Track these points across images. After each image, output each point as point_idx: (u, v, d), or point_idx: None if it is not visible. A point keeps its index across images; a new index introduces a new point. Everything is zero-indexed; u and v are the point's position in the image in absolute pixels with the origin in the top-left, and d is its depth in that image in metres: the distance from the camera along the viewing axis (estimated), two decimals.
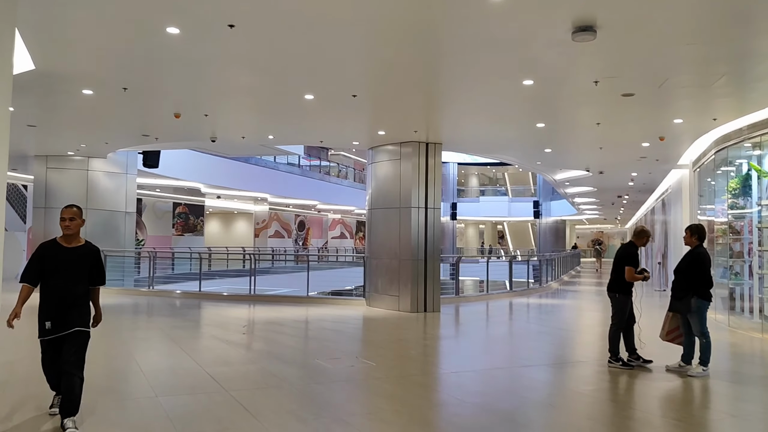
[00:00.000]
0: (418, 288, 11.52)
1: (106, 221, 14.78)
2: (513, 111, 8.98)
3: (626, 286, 6.67)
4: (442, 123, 10.14)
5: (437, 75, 7.20)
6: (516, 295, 15.45)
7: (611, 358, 6.62)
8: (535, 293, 16.35)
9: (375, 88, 7.88)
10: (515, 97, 8.09)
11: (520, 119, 9.54)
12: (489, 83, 7.48)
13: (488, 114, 9.30)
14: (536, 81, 7.21)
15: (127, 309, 11.91)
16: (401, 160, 11.70)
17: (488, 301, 14.09)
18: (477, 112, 9.20)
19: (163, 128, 10.82)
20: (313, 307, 12.24)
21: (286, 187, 28.41)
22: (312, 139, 11.59)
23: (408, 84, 7.58)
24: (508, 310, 13.00)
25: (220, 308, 12.21)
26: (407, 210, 11.57)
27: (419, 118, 9.74)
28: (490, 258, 16.10)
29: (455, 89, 7.81)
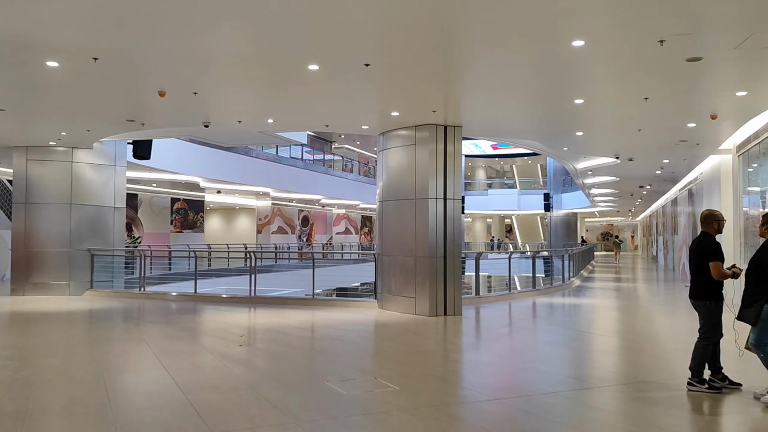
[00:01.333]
0: (437, 288, 10.29)
1: (93, 217, 13.56)
2: (551, 84, 7.72)
3: (716, 288, 5.36)
4: (463, 101, 8.87)
5: (463, 37, 5.95)
6: (540, 294, 14.20)
7: (693, 379, 5.33)
8: (558, 291, 15.10)
9: (391, 55, 6.62)
10: (556, 64, 6.82)
11: (558, 95, 8.26)
12: (525, 47, 6.23)
13: (519, 89, 8.03)
14: (589, 41, 5.95)
15: (111, 315, 10.71)
16: (416, 145, 10.44)
17: (511, 302, 12.85)
18: (506, 87, 7.93)
19: (148, 111, 9.59)
20: (320, 311, 11.01)
21: (289, 181, 27.18)
22: (316, 122, 10.34)
23: (428, 48, 6.33)
24: (537, 312, 11.75)
25: (217, 313, 11.00)
26: (424, 201, 10.32)
27: (438, 94, 8.48)
28: (512, 253, 14.85)
29: (484, 56, 6.55)
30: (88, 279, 13.48)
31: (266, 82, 7.72)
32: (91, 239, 13.54)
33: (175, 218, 26.26)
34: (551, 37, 5.90)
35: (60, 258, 13.20)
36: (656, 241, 35.45)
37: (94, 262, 13.53)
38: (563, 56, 6.47)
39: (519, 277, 14.00)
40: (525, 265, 23.24)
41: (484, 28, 5.68)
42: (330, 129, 10.87)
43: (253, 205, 31.18)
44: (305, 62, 6.79)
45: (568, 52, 6.28)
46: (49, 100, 8.80)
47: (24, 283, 13.07)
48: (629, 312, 12.16)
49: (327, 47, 6.33)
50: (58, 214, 13.19)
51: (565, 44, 6.04)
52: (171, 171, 19.64)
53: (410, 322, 9.59)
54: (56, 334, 8.52)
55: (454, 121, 10.18)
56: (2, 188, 18.36)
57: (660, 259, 32.15)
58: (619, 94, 8.24)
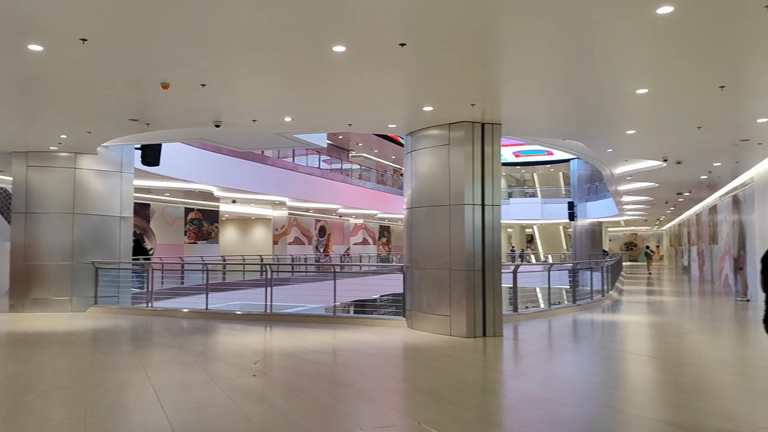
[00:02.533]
0: (474, 306, 9.14)
1: (98, 228, 12.61)
2: (614, 68, 6.60)
3: None
4: (505, 92, 7.77)
5: (509, 10, 4.88)
6: (580, 310, 12.97)
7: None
8: (597, 306, 13.85)
9: (431, 34, 5.55)
10: (623, 44, 5.72)
11: (619, 82, 7.14)
12: (583, 24, 5.14)
13: (572, 76, 6.92)
14: (681, 6, 4.83)
15: (113, 335, 9.69)
16: (450, 145, 9.34)
17: (550, 319, 11.65)
18: (555, 74, 6.84)
19: (152, 108, 8.60)
20: (342, 330, 9.91)
21: (305, 190, 26.17)
22: (339, 121, 9.29)
23: (470, 25, 5.26)
24: (584, 332, 10.56)
25: (230, 332, 9.94)
26: (459, 208, 9.21)
27: (477, 85, 7.39)
28: (552, 265, 13.66)
29: (532, 35, 5.47)
30: (91, 294, 12.50)
31: (284, 69, 6.68)
32: (96, 251, 12.58)
33: (189, 229, 25.36)
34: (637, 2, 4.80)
35: (62, 272, 12.25)
36: (688, 251, 33.94)
37: (98, 276, 12.56)
38: (637, 31, 5.36)
39: (549, 290, 12.78)
40: (554, 278, 22.00)
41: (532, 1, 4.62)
42: (353, 129, 9.80)
43: (269, 215, 30.25)
44: (330, 42, 5.74)
45: (652, 23, 5.17)
46: (39, 95, 7.84)
47: (23, 298, 12.12)
48: (687, 332, 10.90)
49: (357, 23, 5.28)
50: (59, 225, 12.25)
51: (651, 12, 4.92)
52: (183, 179, 18.71)
53: (446, 346, 8.45)
54: (46, 361, 7.50)
55: (493, 117, 9.08)
56: (5, 197, 17.53)
57: (693, 270, 30.65)
58: (693, 82, 7.08)
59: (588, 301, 13.79)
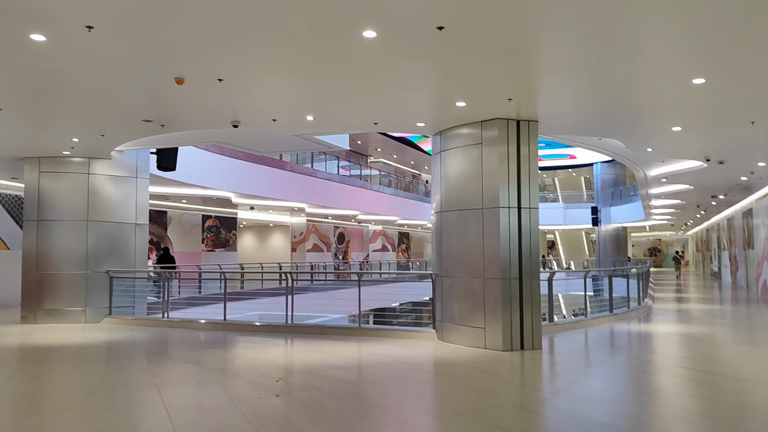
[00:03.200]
0: (511, 317, 8.49)
1: (113, 236, 12.15)
2: (668, 56, 5.95)
3: None
4: (544, 85, 7.14)
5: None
6: (617, 320, 12.23)
7: None
8: (634, 316, 13.07)
9: (471, 16, 4.96)
10: (689, 22, 5.08)
11: (673, 72, 6.48)
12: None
13: (619, 66, 6.28)
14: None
15: (127, 349, 9.18)
16: (483, 145, 8.72)
17: (587, 329, 10.94)
18: (601, 63, 6.21)
19: (166, 107, 8.10)
20: (368, 343, 9.30)
21: (324, 196, 25.65)
22: (364, 120, 8.72)
23: (511, 8, 4.66)
24: (628, 344, 9.85)
25: (250, 346, 9.38)
26: (493, 212, 8.58)
27: (517, 77, 6.79)
28: (588, 272, 12.92)
29: (586, 12, 4.85)
30: (106, 304, 12.03)
31: (308, 61, 6.12)
32: (110, 260, 12.11)
33: (207, 236, 24.95)
34: None
35: (75, 281, 11.79)
36: (718, 256, 32.88)
37: (113, 286, 12.09)
38: (695, 12, 4.73)
39: (586, 298, 12.06)
40: (574, 285, 21.23)
41: None
42: (379, 128, 9.23)
43: (287, 222, 29.80)
44: (360, 27, 5.17)
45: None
46: (47, 93, 7.37)
47: (35, 309, 11.67)
48: (735, 343, 10.15)
49: (391, 2, 4.70)
50: (73, 232, 11.81)
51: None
52: (201, 186, 18.28)
53: (482, 360, 7.81)
54: (54, 378, 6.98)
55: (529, 114, 8.45)
56: (20, 205, 17.18)
57: (725, 276, 29.63)
58: (756, 70, 6.40)
59: (625, 310, 13.03)
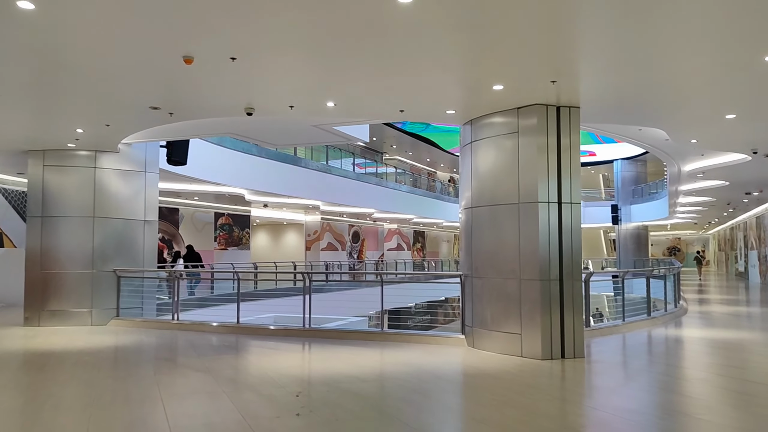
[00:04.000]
0: (551, 322, 7.73)
1: (120, 233, 11.52)
2: (734, 29, 5.17)
3: None
4: (589, 64, 6.39)
5: None
6: (655, 324, 11.39)
7: None
8: (671, 320, 12.21)
9: None
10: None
11: (742, 49, 5.70)
12: None
13: (684, 38, 5.52)
14: None
15: (133, 355, 8.53)
16: (520, 134, 7.96)
17: (625, 334, 10.15)
18: (656, 40, 5.44)
19: (174, 92, 7.42)
20: (391, 350, 8.59)
21: (339, 194, 24.95)
22: (389, 106, 7.99)
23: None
24: (676, 351, 9.05)
25: (264, 352, 8.71)
26: (531, 207, 7.81)
27: (562, 54, 6.05)
28: (626, 273, 12.07)
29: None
30: (113, 305, 11.41)
31: (330, 33, 5.40)
32: (118, 258, 11.49)
33: (219, 234, 24.34)
34: None
35: (81, 281, 11.17)
36: (744, 256, 31.82)
37: (120, 286, 11.47)
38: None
39: (623, 301, 11.26)
40: (595, 286, 20.37)
41: None
42: (404, 116, 8.49)
43: (301, 220, 29.15)
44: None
45: None
46: (45, 78, 6.71)
47: (39, 310, 11.06)
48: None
49: None
50: (79, 230, 11.19)
51: None
52: (213, 182, 17.65)
53: (521, 371, 7.05)
54: (50, 389, 6.32)
55: (570, 99, 7.68)
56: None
57: (753, 277, 28.64)
58: None
59: (661, 313, 12.20)
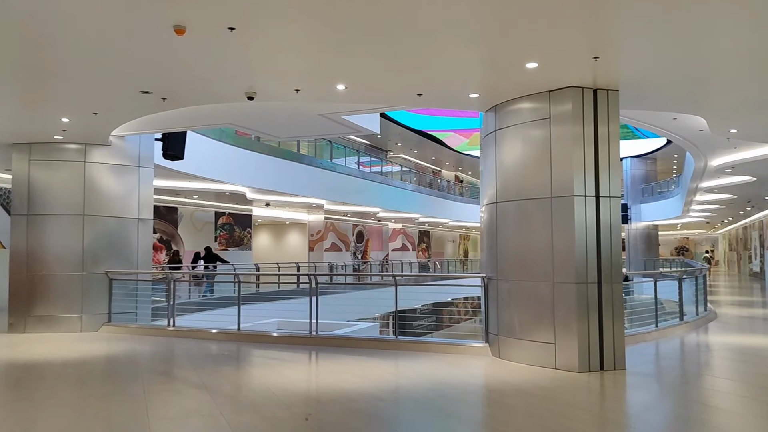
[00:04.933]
0: (589, 330, 6.90)
1: (112, 232, 10.71)
2: None
3: None
4: (633, 38, 5.58)
5: None
6: (689, 329, 10.55)
7: None
8: (703, 324, 11.34)
9: None
10: None
11: None
12: None
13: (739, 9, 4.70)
14: None
15: (123, 366, 7.72)
16: (552, 120, 7.13)
17: (658, 341, 9.33)
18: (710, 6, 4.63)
19: (166, 71, 6.60)
20: (408, 360, 7.78)
21: (344, 192, 24.11)
22: (407, 88, 7.16)
23: None
24: (730, 362, 8.21)
25: (267, 362, 7.89)
26: (566, 201, 6.99)
27: (603, 26, 5.23)
28: (659, 274, 11.24)
29: None
30: (105, 310, 10.59)
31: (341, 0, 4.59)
32: (110, 260, 10.68)
33: (220, 234, 23.55)
34: None
35: (70, 284, 10.37)
36: (760, 255, 30.94)
37: (112, 289, 10.66)
38: None
39: (656, 306, 10.44)
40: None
41: None
42: (423, 101, 7.66)
43: (304, 220, 28.34)
44: None
45: None
46: (24, 57, 5.91)
47: (25, 316, 10.24)
48: None
49: None
50: (67, 229, 10.39)
51: None
52: (213, 179, 16.83)
53: (558, 386, 6.23)
54: (18, 412, 5.51)
55: (608, 80, 6.85)
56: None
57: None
58: None
59: (693, 317, 11.36)
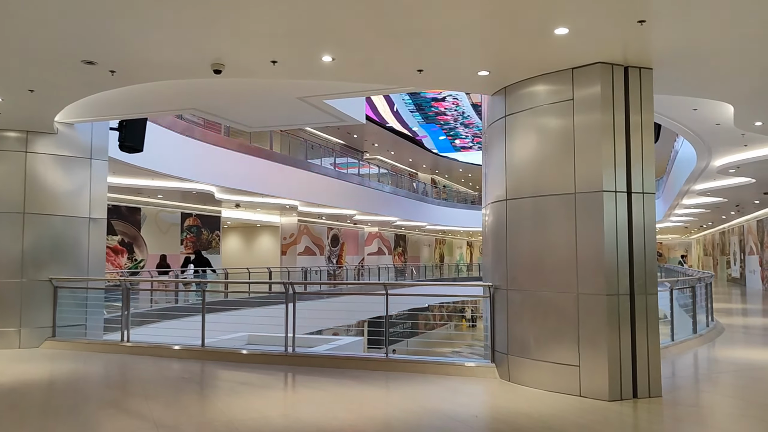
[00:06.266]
0: (620, 350, 5.83)
1: (59, 233, 9.33)
2: None
3: None
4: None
5: None
6: (702, 342, 9.61)
7: None
8: (716, 337, 10.39)
9: None
10: None
11: None
12: None
13: None
14: None
15: (58, 394, 6.39)
16: (575, 103, 6.07)
17: (677, 357, 8.34)
18: None
19: (111, 33, 5.34)
20: (400, 384, 6.61)
21: (319, 193, 22.87)
22: (406, 62, 6.01)
23: None
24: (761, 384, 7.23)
25: (236, 388, 6.64)
26: (593, 198, 5.91)
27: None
28: (676, 282, 10.25)
29: None
30: (48, 323, 9.20)
31: None
32: (55, 265, 9.29)
33: (187, 237, 22.08)
34: None
35: (6, 292, 8.95)
36: (741, 260, 30.59)
37: (57, 298, 9.28)
38: None
39: (672, 318, 9.50)
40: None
41: None
42: (424, 78, 6.48)
43: (276, 223, 27.00)
44: None
45: None
46: None
47: None
48: None
49: None
50: (3, 229, 8.98)
51: None
52: (178, 176, 15.45)
53: (588, 420, 5.12)
54: None
55: (641, 56, 5.82)
56: None
57: (752, 282, 27.35)
58: None
59: (705, 330, 10.44)
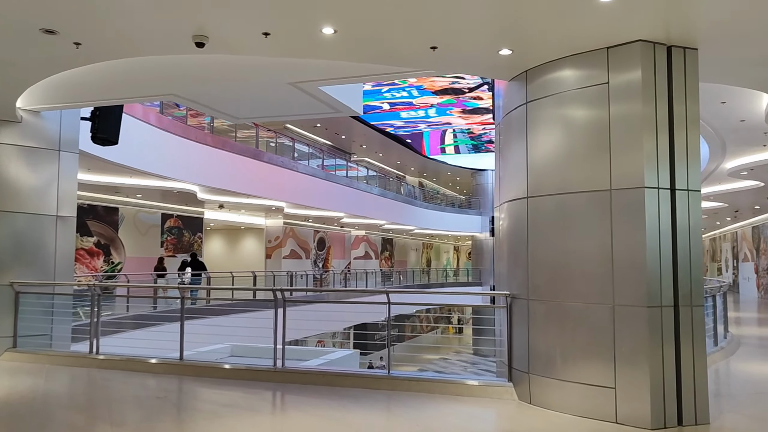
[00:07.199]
0: (664, 370, 5.07)
1: (22, 233, 8.41)
2: None
3: None
4: None
5: None
6: (726, 355, 8.90)
7: None
8: (733, 348, 9.66)
9: None
10: None
11: None
12: None
13: None
14: None
15: (11, 418, 5.47)
16: (611, 87, 5.31)
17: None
18: None
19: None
20: (405, 408, 5.80)
21: (306, 194, 21.98)
22: (418, 38, 5.21)
23: None
24: None
25: (218, 412, 5.77)
26: (633, 196, 5.15)
27: None
28: None
29: None
30: (9, 332, 8.26)
31: None
32: (17, 267, 8.36)
33: (167, 239, 21.09)
34: None
35: None
36: (734, 267, 30.21)
37: (19, 305, 8.34)
38: None
39: None
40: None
41: None
42: (437, 57, 5.65)
43: (261, 225, 26.08)
44: None
45: None
46: None
47: None
48: None
49: None
50: None
51: None
52: (157, 174, 14.53)
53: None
54: None
55: (686, 33, 5.08)
56: None
57: (746, 290, 26.94)
58: None
59: (725, 342, 9.74)
